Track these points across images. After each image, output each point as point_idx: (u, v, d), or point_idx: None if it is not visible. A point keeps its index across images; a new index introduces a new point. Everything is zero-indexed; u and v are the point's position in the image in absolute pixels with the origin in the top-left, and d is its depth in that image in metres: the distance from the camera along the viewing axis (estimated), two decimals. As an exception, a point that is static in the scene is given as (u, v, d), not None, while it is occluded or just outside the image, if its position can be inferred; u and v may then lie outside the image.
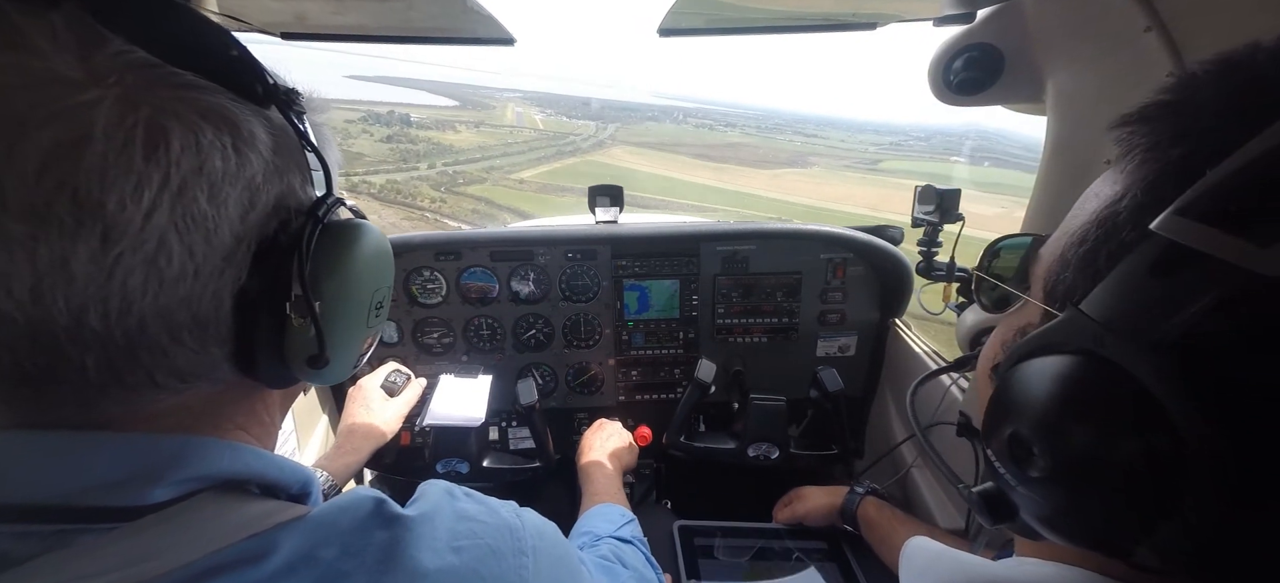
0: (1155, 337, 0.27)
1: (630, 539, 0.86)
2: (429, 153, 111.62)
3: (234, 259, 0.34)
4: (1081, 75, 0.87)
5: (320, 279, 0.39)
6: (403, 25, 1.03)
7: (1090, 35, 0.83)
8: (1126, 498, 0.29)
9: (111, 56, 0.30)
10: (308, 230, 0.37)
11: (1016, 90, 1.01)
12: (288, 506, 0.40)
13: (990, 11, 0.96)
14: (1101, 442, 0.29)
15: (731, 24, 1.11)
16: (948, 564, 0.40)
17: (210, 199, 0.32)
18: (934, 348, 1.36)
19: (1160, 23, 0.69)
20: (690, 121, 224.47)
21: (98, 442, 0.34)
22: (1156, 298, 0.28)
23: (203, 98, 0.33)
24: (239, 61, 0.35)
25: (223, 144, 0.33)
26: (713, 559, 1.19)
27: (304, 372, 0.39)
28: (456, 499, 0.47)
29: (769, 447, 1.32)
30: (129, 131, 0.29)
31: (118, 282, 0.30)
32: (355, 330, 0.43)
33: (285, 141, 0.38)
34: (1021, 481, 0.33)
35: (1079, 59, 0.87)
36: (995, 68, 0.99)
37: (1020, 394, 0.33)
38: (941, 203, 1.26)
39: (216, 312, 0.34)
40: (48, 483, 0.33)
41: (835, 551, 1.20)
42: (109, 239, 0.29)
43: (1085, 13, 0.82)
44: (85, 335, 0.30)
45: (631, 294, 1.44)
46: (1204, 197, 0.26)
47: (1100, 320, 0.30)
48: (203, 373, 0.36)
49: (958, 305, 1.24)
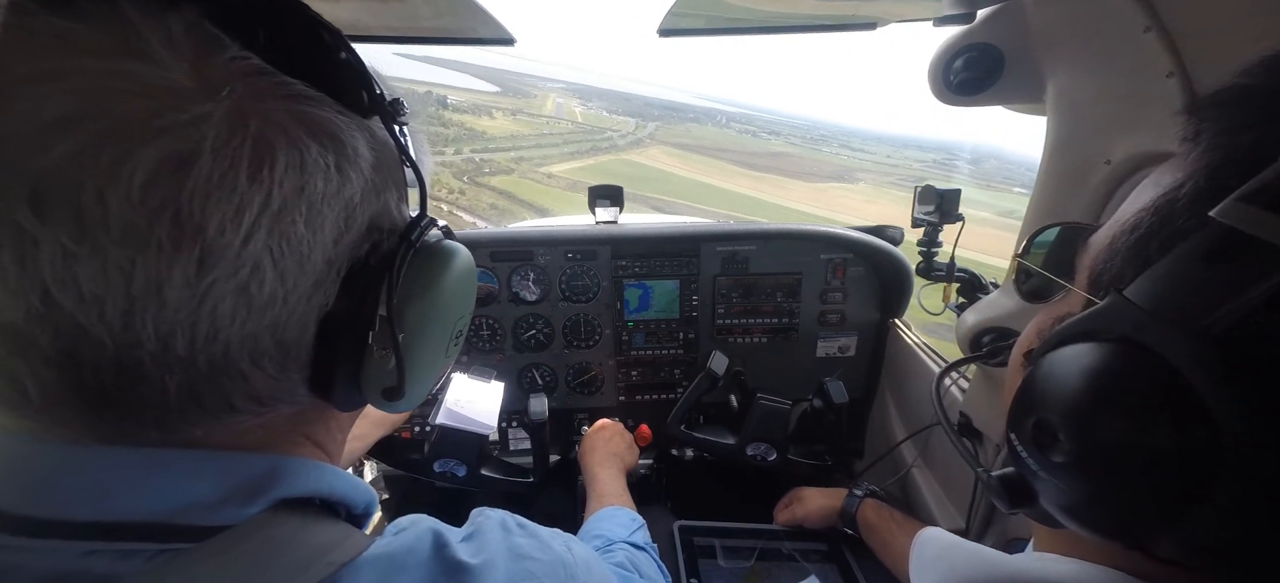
0: (1201, 325, 0.26)
1: (643, 546, 0.86)
2: (458, 138, 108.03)
3: (324, 283, 0.33)
4: (1081, 75, 0.87)
5: (406, 307, 0.37)
6: (403, 25, 1.03)
7: (1090, 35, 0.83)
8: (1153, 488, 0.28)
9: (225, 63, 0.29)
10: (399, 254, 0.36)
11: (1016, 90, 1.01)
12: (351, 531, 0.39)
13: (990, 12, 0.96)
14: (1132, 430, 0.28)
15: (731, 24, 1.11)
16: (963, 556, 0.39)
17: (308, 222, 0.30)
18: (934, 348, 1.36)
19: (1160, 23, 0.69)
20: (733, 126, 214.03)
21: (197, 460, 0.33)
22: (1207, 285, 0.26)
23: (312, 111, 0.31)
24: (348, 67, 0.33)
25: (326, 163, 0.31)
26: (712, 560, 1.19)
27: (377, 401, 0.38)
28: (511, 535, 0.47)
29: (767, 448, 1.32)
30: (236, 150, 0.28)
31: (208, 308, 0.28)
32: (434, 362, 0.41)
33: (385, 156, 0.36)
34: (1045, 466, 0.33)
35: (1079, 59, 0.87)
36: (995, 68, 0.99)
37: (1052, 379, 0.33)
38: (941, 203, 1.26)
39: (301, 338, 0.33)
40: (149, 501, 0.32)
41: (835, 552, 1.20)
42: (205, 264, 0.27)
43: (1085, 13, 0.82)
44: (170, 360, 0.29)
45: (632, 294, 1.44)
46: (1272, 183, 0.25)
47: (1143, 307, 0.29)
48: (281, 397, 0.35)
49: (957, 306, 1.24)
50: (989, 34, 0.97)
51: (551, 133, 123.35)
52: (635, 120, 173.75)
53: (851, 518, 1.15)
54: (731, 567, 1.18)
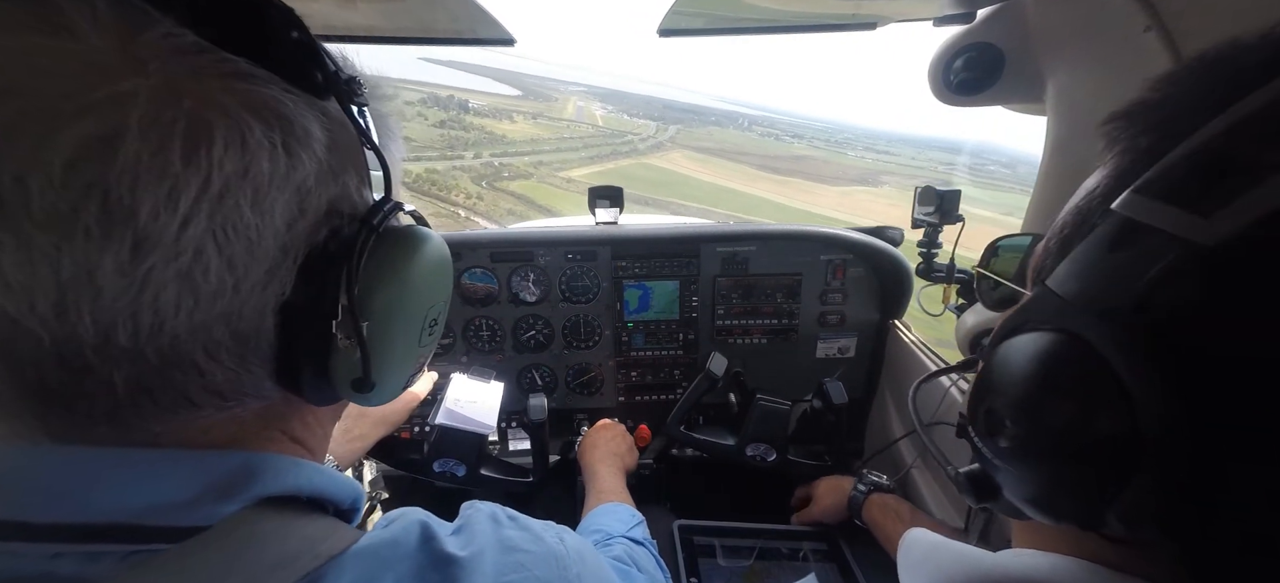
0: (1108, 307, 0.28)
1: (642, 541, 0.86)
2: (478, 142, 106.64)
3: (279, 271, 0.31)
4: (1081, 75, 0.87)
5: (370, 294, 0.36)
6: (403, 26, 1.03)
7: (1090, 35, 0.83)
8: (1088, 465, 0.29)
9: (158, 40, 0.27)
10: (360, 240, 0.34)
11: (1017, 90, 1.01)
12: (337, 525, 0.38)
13: (990, 11, 0.96)
14: (1063, 411, 0.30)
15: (731, 24, 1.11)
16: (946, 556, 0.40)
17: (254, 206, 0.29)
18: (934, 348, 1.36)
19: (1160, 23, 0.69)
20: (755, 129, 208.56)
21: (161, 459, 0.32)
22: (1111, 271, 0.29)
23: (254, 89, 0.29)
24: (299, 45, 0.32)
25: (272, 143, 0.29)
26: (712, 560, 1.19)
27: (349, 394, 0.37)
28: (501, 527, 0.46)
29: (767, 448, 1.32)
30: (168, 128, 0.26)
31: (149, 296, 0.27)
32: (406, 352, 0.39)
33: (343, 137, 0.34)
34: (996, 454, 0.35)
35: (1079, 59, 0.87)
36: (995, 68, 0.99)
37: (995, 371, 0.35)
38: (941, 204, 1.26)
39: (258, 328, 0.32)
40: (114, 501, 0.31)
41: (835, 551, 1.20)
42: (140, 250, 0.26)
43: (1085, 13, 0.82)
44: (113, 352, 0.28)
45: (631, 295, 1.44)
46: (1159, 176, 0.28)
47: (1061, 294, 0.31)
48: (246, 391, 0.34)
49: (957, 307, 1.24)
50: (989, 34, 0.97)
51: (571, 137, 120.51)
52: (656, 123, 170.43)
53: (858, 511, 1.15)
54: (731, 566, 1.18)
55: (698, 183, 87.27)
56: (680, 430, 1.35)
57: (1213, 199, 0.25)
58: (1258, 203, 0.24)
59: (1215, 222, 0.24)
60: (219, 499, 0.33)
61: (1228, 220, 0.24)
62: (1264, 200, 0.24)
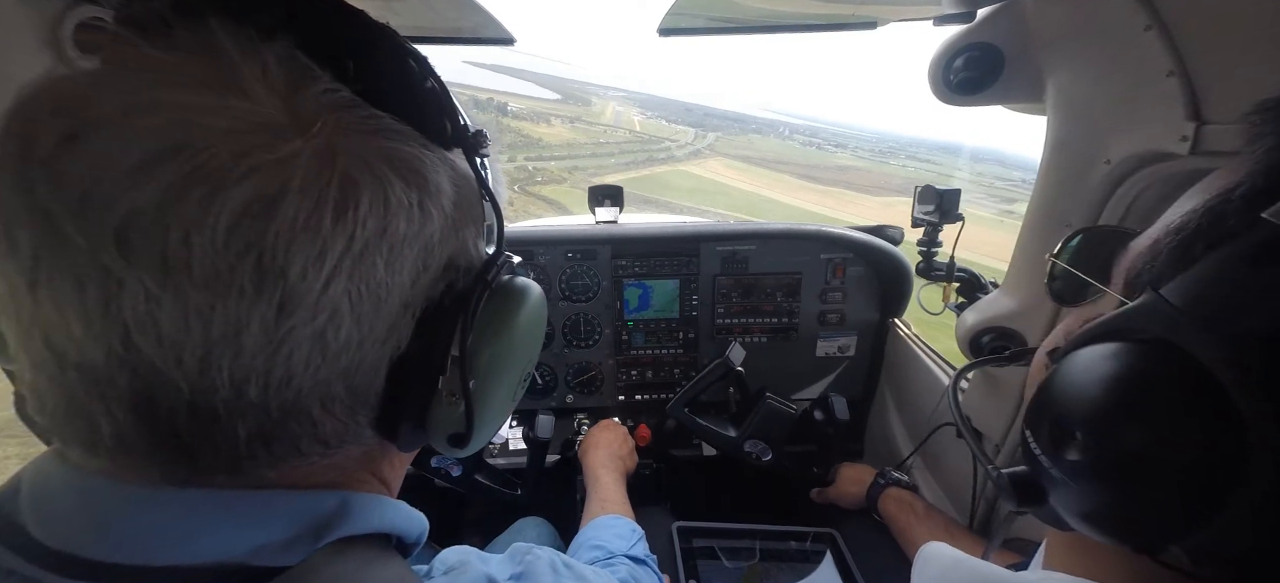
0: (1239, 328, 0.25)
1: (644, 559, 0.86)
2: (513, 145, 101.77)
3: (399, 326, 0.31)
4: (1081, 75, 0.87)
5: (478, 349, 0.35)
6: (404, 25, 1.03)
7: (1090, 35, 0.83)
8: (1174, 492, 0.27)
9: (317, 96, 0.28)
10: (475, 295, 0.34)
11: (1017, 90, 1.01)
12: (406, 574, 0.38)
13: (990, 11, 0.96)
14: (1157, 433, 0.27)
15: (731, 24, 1.11)
16: (964, 575, 0.38)
17: (388, 265, 0.29)
18: (934, 348, 1.36)
19: (1160, 22, 0.69)
20: (797, 138, 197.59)
21: (269, 501, 0.32)
22: (1251, 288, 0.26)
23: (398, 147, 0.29)
24: (433, 96, 0.32)
25: (410, 202, 0.29)
26: (711, 560, 1.19)
27: (443, 446, 0.37)
28: (560, 577, 0.46)
29: (764, 447, 1.32)
30: (324, 189, 0.26)
31: (283, 354, 0.27)
32: (502, 407, 0.39)
33: (466, 192, 0.34)
34: (1060, 465, 0.32)
35: (1079, 59, 0.87)
36: (995, 67, 0.99)
37: (1075, 378, 0.32)
38: (941, 203, 1.26)
39: (372, 382, 0.32)
40: (227, 543, 0.31)
41: (835, 550, 1.20)
42: (285, 310, 0.26)
43: (1085, 12, 0.82)
44: (242, 407, 0.28)
45: (631, 294, 1.44)
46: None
47: (1179, 306, 0.28)
48: (347, 440, 0.34)
49: (957, 306, 1.24)
50: (989, 33, 0.97)
51: (608, 142, 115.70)
52: (695, 130, 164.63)
53: (874, 503, 1.16)
54: (730, 567, 1.18)
55: (737, 191, 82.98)
56: (684, 412, 1.34)
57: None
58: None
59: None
60: (313, 539, 0.33)
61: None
62: None
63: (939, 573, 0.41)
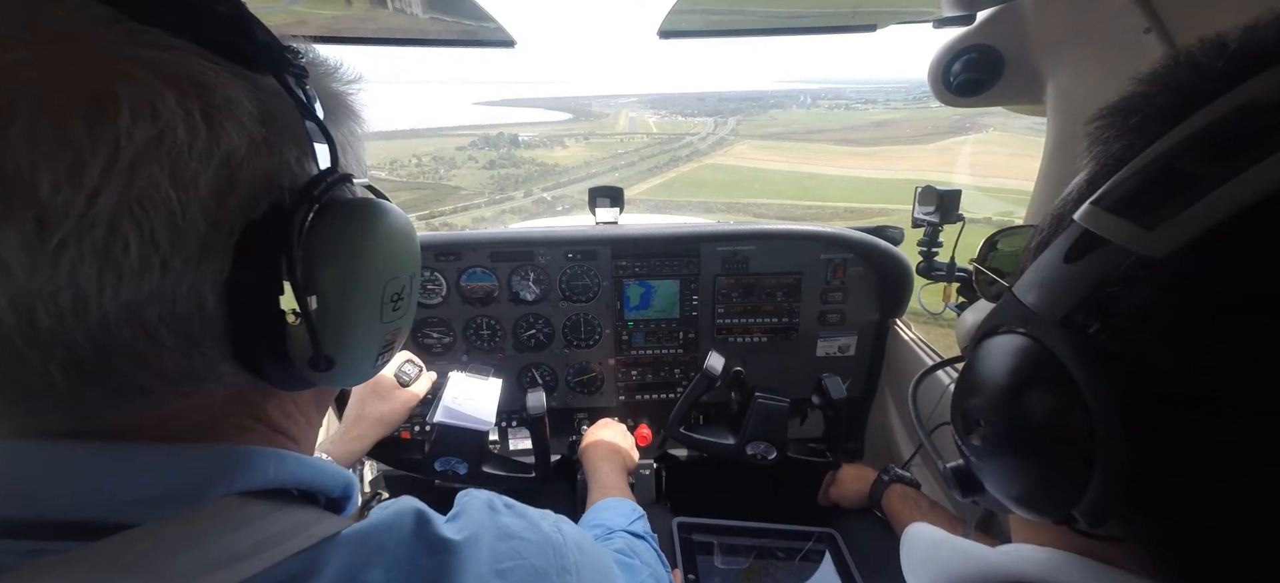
0: (1064, 315, 0.29)
1: (643, 535, 0.86)
2: (529, 178, 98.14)
3: (214, 248, 0.30)
4: (1081, 76, 0.87)
5: (318, 269, 0.34)
6: (404, 28, 1.03)
7: (1090, 36, 0.83)
8: (1052, 464, 0.30)
9: (62, 12, 0.26)
10: (300, 213, 0.32)
11: (1017, 92, 1.01)
12: (325, 515, 0.38)
13: (990, 13, 0.96)
14: (1028, 412, 0.31)
15: (731, 25, 1.11)
16: (946, 552, 0.41)
17: (173, 178, 0.27)
18: (934, 347, 1.36)
19: (1160, 23, 0.69)
20: (821, 104, 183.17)
21: (127, 453, 0.32)
22: (1067, 279, 0.30)
23: (167, 57, 0.28)
24: (224, 17, 0.30)
25: (189, 111, 0.28)
26: (710, 557, 1.19)
27: (308, 374, 0.35)
28: (498, 514, 0.45)
29: (767, 447, 1.33)
30: (67, 99, 0.25)
31: (64, 274, 0.26)
32: (365, 328, 0.37)
33: (279, 110, 0.33)
34: (972, 451, 0.36)
35: (1079, 60, 0.87)
36: (995, 69, 0.99)
37: (972, 371, 0.36)
38: (941, 203, 1.26)
39: (199, 309, 0.30)
40: (77, 499, 0.30)
41: (834, 550, 1.21)
42: (46, 226, 0.25)
43: (1085, 14, 0.83)
44: (42, 338, 0.27)
45: (632, 294, 1.44)
46: (1115, 187, 0.29)
47: (1023, 301, 0.32)
48: (200, 375, 0.32)
49: (958, 305, 1.24)
50: (989, 35, 0.98)
51: (626, 152, 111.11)
52: (713, 119, 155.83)
53: (877, 501, 1.17)
54: (729, 565, 1.18)
55: (775, 174, 75.83)
56: (680, 431, 1.35)
57: (1159, 210, 0.26)
58: (1199, 219, 0.24)
59: (1158, 235, 0.25)
60: (188, 494, 0.32)
61: (1170, 235, 0.25)
62: (1205, 216, 0.24)
63: (923, 554, 0.43)
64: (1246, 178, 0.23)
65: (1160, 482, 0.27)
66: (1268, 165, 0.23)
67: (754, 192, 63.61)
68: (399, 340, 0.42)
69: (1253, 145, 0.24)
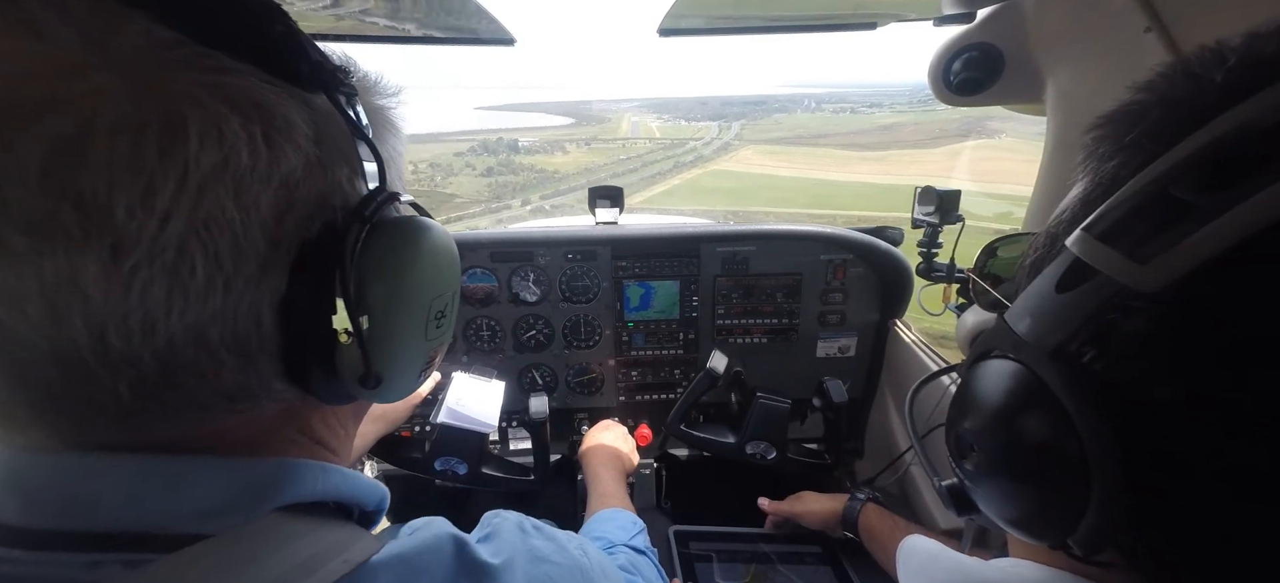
0: (1056, 346, 0.28)
1: (644, 550, 0.86)
2: (527, 185, 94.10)
3: (272, 267, 0.31)
4: (1082, 75, 0.87)
5: (368, 287, 0.35)
6: (404, 26, 1.03)
7: (1090, 35, 0.83)
8: (1046, 494, 0.30)
9: (133, 37, 0.27)
10: (352, 233, 0.33)
11: (1017, 90, 1.01)
12: (362, 533, 0.38)
13: (990, 12, 0.96)
14: (1023, 441, 0.30)
15: (731, 23, 1.11)
16: (944, 566, 0.41)
17: (237, 200, 0.28)
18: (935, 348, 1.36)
19: (1160, 23, 0.69)
20: (825, 107, 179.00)
21: (185, 466, 0.32)
22: (1059, 310, 0.29)
23: (230, 81, 0.29)
24: (280, 38, 0.31)
25: (252, 135, 0.29)
26: (708, 564, 1.19)
27: (358, 390, 0.36)
28: (529, 537, 0.46)
29: (767, 446, 1.32)
30: (140, 124, 0.26)
31: (136, 296, 0.27)
32: (411, 346, 0.38)
33: (331, 130, 0.34)
34: (964, 474, 0.35)
35: (1079, 59, 0.87)
36: (995, 68, 0.99)
37: (965, 394, 0.35)
38: (941, 204, 1.26)
39: (257, 327, 0.31)
40: (140, 509, 0.31)
41: (830, 555, 1.20)
42: (120, 250, 0.26)
43: (1085, 13, 0.82)
44: (111, 357, 0.27)
45: (632, 294, 1.44)
46: (1108, 213, 0.28)
47: (1014, 329, 0.31)
48: (257, 392, 0.33)
49: (958, 306, 1.24)
50: (989, 34, 0.98)
51: (629, 157, 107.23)
52: (717, 123, 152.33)
53: (854, 523, 1.13)
54: (726, 571, 1.18)
55: (783, 181, 73.10)
56: (681, 429, 1.35)
57: (1150, 243, 0.25)
58: (1192, 254, 0.24)
59: (1151, 269, 0.25)
60: (244, 507, 0.33)
61: (1162, 270, 0.24)
62: (1198, 251, 0.23)
63: (920, 565, 0.43)
64: (1240, 211, 0.23)
65: (1154, 514, 0.26)
66: (1262, 198, 0.22)
67: (763, 201, 61.58)
68: (439, 357, 0.43)
69: (1249, 173, 0.23)
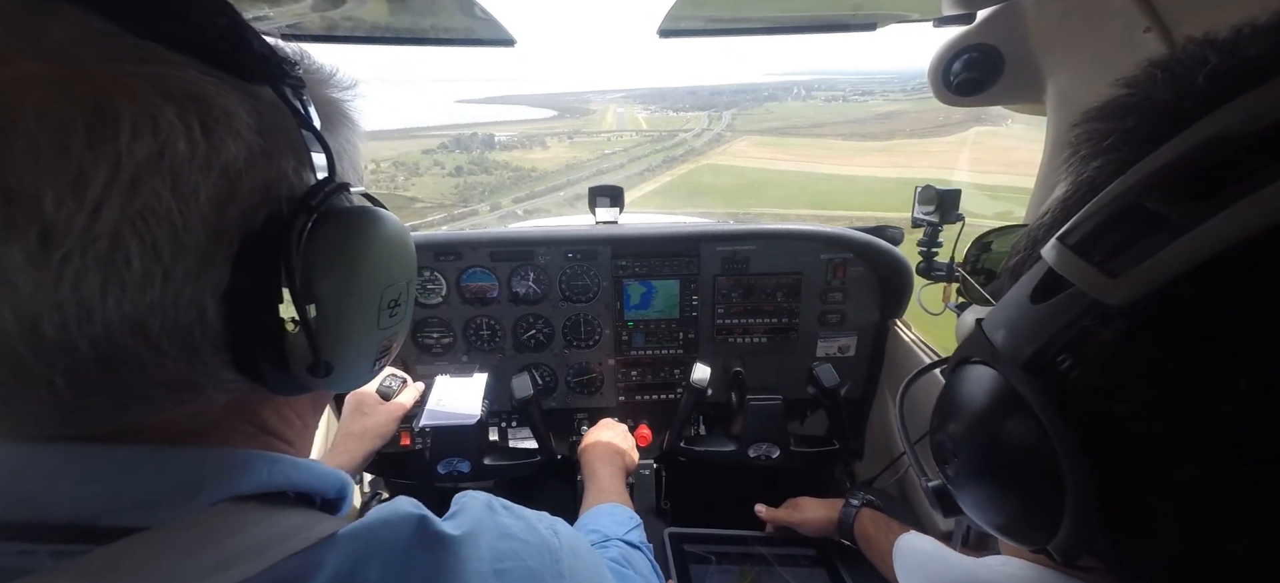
0: (1028, 356, 0.28)
1: (638, 545, 0.86)
2: (499, 187, 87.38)
3: (214, 258, 0.30)
4: (1081, 75, 0.87)
5: (316, 277, 0.35)
6: (404, 27, 1.03)
7: (1090, 36, 0.83)
8: (1023, 503, 0.30)
9: (61, 29, 0.27)
10: (298, 223, 0.33)
11: (1017, 91, 1.01)
12: (322, 517, 0.38)
13: (990, 12, 0.96)
14: (996, 451, 0.31)
15: (731, 24, 1.11)
16: (938, 564, 0.41)
17: (174, 191, 0.28)
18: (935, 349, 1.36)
19: (1160, 23, 0.69)
20: (817, 95, 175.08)
21: (128, 458, 0.32)
22: (1032, 321, 0.29)
23: (166, 72, 0.28)
24: (222, 29, 0.31)
25: (189, 125, 0.28)
26: (703, 566, 1.19)
27: (308, 380, 0.36)
28: (497, 515, 0.46)
29: (769, 446, 1.32)
30: (67, 115, 0.25)
31: (68, 286, 0.26)
32: (362, 335, 0.38)
33: (277, 121, 0.33)
34: (947, 478, 0.36)
35: (1079, 59, 0.87)
36: (995, 68, 0.99)
37: (946, 398, 0.35)
38: (941, 203, 1.26)
39: (200, 318, 0.31)
40: (63, 499, 0.30)
41: (825, 558, 1.20)
42: (50, 240, 0.25)
43: (1085, 13, 0.82)
44: (45, 347, 0.27)
45: (632, 293, 1.44)
46: (1082, 223, 0.28)
47: (990, 337, 0.31)
48: (202, 383, 0.33)
49: (958, 305, 1.24)
50: (989, 35, 0.97)
51: (614, 152, 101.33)
52: (707, 113, 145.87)
53: (849, 529, 1.12)
54: (722, 573, 1.18)
55: (784, 176, 67.84)
56: (681, 447, 1.35)
57: (1122, 257, 0.25)
58: (1162, 269, 0.23)
59: (1121, 284, 0.24)
60: (186, 498, 0.33)
61: (1132, 285, 0.24)
62: (1168, 266, 0.23)
63: (917, 564, 0.44)
64: (1211, 225, 0.22)
65: (1128, 524, 0.27)
66: (1234, 211, 0.22)
67: (766, 200, 58.73)
68: (396, 345, 0.43)
69: (1221, 186, 0.23)
